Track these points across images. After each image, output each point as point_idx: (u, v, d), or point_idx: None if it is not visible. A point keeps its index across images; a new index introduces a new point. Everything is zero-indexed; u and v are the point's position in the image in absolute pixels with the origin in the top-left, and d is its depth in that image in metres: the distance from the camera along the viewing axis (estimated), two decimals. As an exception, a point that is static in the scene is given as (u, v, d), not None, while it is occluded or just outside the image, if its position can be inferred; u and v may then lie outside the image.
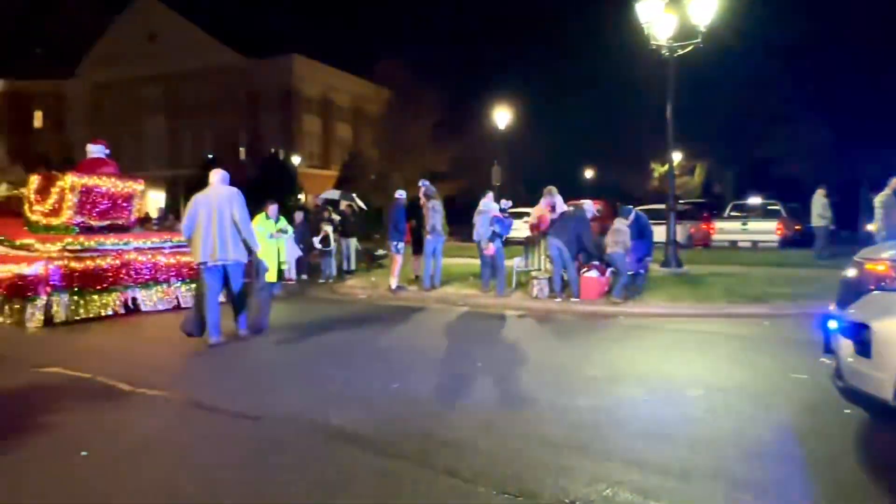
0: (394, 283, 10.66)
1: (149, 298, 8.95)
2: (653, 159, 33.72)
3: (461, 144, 32.88)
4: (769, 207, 19.84)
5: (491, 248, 9.72)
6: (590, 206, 9.34)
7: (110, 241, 8.93)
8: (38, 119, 49.44)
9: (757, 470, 3.25)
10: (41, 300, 7.85)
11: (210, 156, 39.05)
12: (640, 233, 9.07)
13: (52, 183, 8.98)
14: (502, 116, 20.99)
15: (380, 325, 7.96)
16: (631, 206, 9.43)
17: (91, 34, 45.93)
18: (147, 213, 32.25)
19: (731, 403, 4.38)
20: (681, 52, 11.00)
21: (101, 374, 5.33)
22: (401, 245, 10.67)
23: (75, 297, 8.10)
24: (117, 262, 8.64)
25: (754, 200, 20.99)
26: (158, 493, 3.07)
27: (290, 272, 12.68)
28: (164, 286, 9.14)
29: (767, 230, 18.84)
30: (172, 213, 30.67)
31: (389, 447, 3.60)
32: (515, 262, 10.74)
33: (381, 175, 30.93)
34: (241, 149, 43.89)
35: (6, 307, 8.05)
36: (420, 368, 5.58)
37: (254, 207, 7.62)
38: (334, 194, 15.27)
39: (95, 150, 9.85)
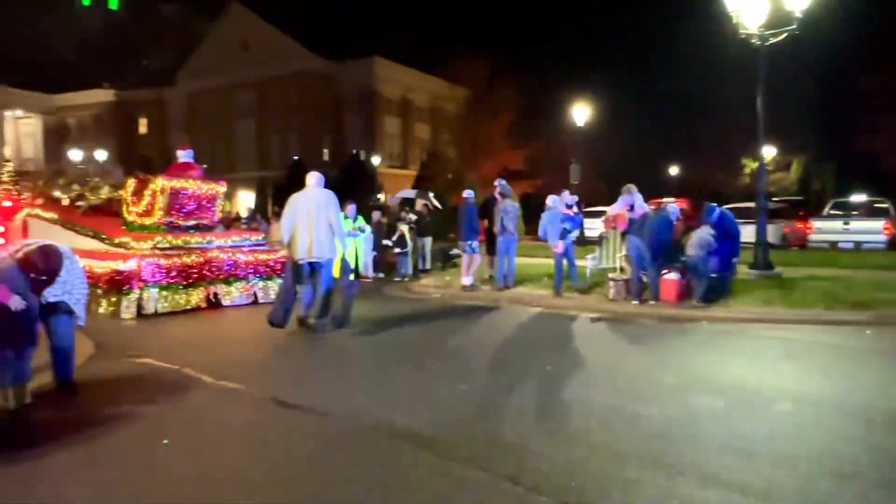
0: (467, 282, 10.66)
1: (229, 294, 9.45)
2: (744, 155, 31.94)
3: (539, 142, 32.49)
4: (876, 205, 18.23)
5: (560, 247, 9.59)
6: (674, 209, 8.94)
7: (195, 240, 9.54)
8: (142, 125, 53.26)
9: (847, 493, 2.98)
10: (134, 294, 8.49)
11: (296, 158, 40.69)
12: (726, 233, 8.58)
13: (146, 186, 9.65)
14: (581, 113, 20.52)
15: (451, 325, 7.98)
16: (715, 205, 8.94)
17: (189, 45, 48.89)
18: (237, 213, 34.02)
19: (823, 419, 4.05)
20: (773, 40, 10.30)
21: (186, 365, 5.64)
22: (475, 244, 10.66)
23: (164, 292, 8.71)
24: (201, 259, 9.17)
25: (858, 198, 19.36)
26: (229, 483, 3.20)
27: (367, 270, 12.99)
28: (244, 282, 9.62)
29: (873, 230, 17.31)
30: (260, 213, 32.10)
31: (452, 449, 3.58)
32: (589, 261, 10.47)
33: (457, 174, 31.05)
34: (324, 150, 45.43)
35: (105, 300, 8.71)
36: (488, 370, 5.54)
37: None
38: (410, 193, 15.47)
39: (184, 156, 10.50)
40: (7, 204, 12.02)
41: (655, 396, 4.60)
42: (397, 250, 13.55)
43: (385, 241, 13.56)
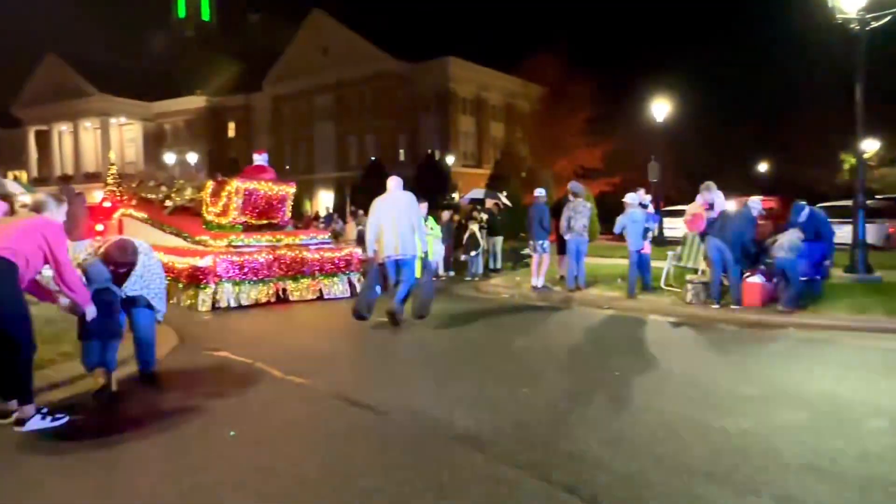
0: (538, 282, 10.50)
1: (296, 289, 9.83)
2: (843, 150, 29.67)
3: (616, 139, 31.54)
4: None
5: (647, 247, 9.31)
6: (755, 204, 8.40)
7: (265, 238, 10.05)
8: (231, 129, 56.09)
9: (951, 527, 2.66)
10: (210, 288, 9.02)
11: (373, 158, 41.58)
12: (816, 233, 7.98)
13: (222, 187, 10.26)
14: (661, 108, 19.73)
15: (518, 326, 7.87)
16: (804, 203, 8.34)
17: (275, 52, 50.98)
18: (317, 212, 35.15)
19: (924, 440, 3.66)
20: (874, 24, 9.49)
21: (259, 359, 5.84)
22: (546, 244, 10.48)
23: (236, 287, 9.21)
24: (270, 256, 9.60)
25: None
26: (287, 477, 3.27)
27: (437, 269, 13.04)
28: (310, 279, 9.99)
29: None
30: (338, 212, 33.00)
31: (509, 455, 3.50)
32: (668, 262, 10.04)
33: (531, 172, 30.67)
34: (400, 150, 46.18)
35: (185, 293, 9.30)
36: (553, 373, 5.40)
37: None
38: (480, 193, 15.39)
39: (258, 159, 11.09)
40: (107, 204, 13.17)
41: (731, 407, 4.33)
42: (472, 253, 13.51)
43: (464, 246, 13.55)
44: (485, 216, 14.20)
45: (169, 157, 44.77)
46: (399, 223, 7.33)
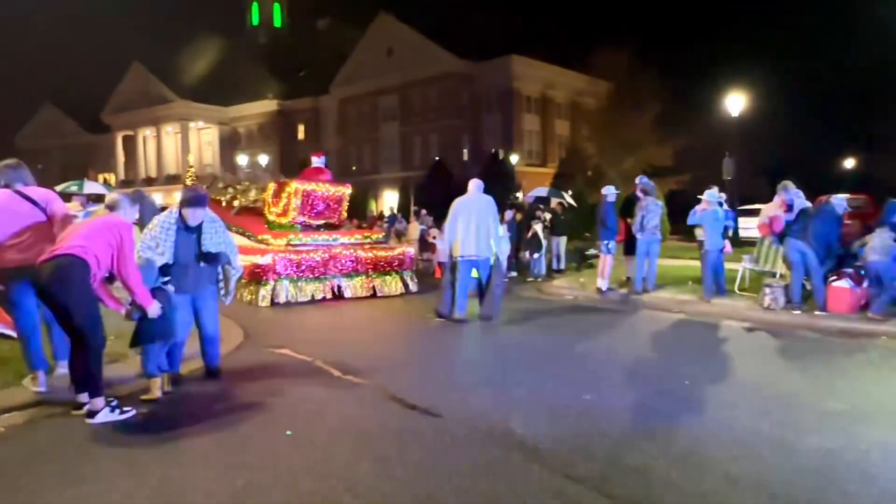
0: (603, 284, 10.16)
1: (351, 287, 10.14)
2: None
3: (687, 135, 30.30)
4: None
5: (728, 246, 8.87)
6: (839, 201, 7.79)
7: (322, 238, 10.46)
8: (300, 131, 57.75)
9: None
10: (270, 285, 9.43)
11: (436, 158, 41.77)
12: (914, 234, 7.30)
13: (283, 189, 10.71)
14: (735, 102, 18.76)
15: (581, 330, 7.60)
16: (897, 201, 7.66)
17: (342, 55, 52.11)
18: (381, 212, 35.64)
19: None
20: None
21: (319, 358, 5.89)
22: (612, 244, 10.13)
23: (294, 284, 9.59)
24: (326, 255, 9.96)
25: None
26: (339, 480, 3.22)
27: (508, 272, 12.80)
28: (364, 277, 10.31)
29: None
30: (402, 212, 33.31)
31: (568, 467, 3.32)
32: (745, 264, 9.49)
33: (597, 171, 29.96)
34: (464, 150, 46.17)
35: (247, 289, 9.66)
36: (617, 381, 5.14)
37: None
38: (543, 192, 15.09)
39: (316, 161, 11.50)
40: None
41: (815, 424, 3.97)
42: (534, 254, 13.26)
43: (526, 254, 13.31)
44: (548, 216, 13.92)
45: (242, 160, 46.55)
46: (477, 225, 7.61)
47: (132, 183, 62.26)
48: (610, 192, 10.49)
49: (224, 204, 12.17)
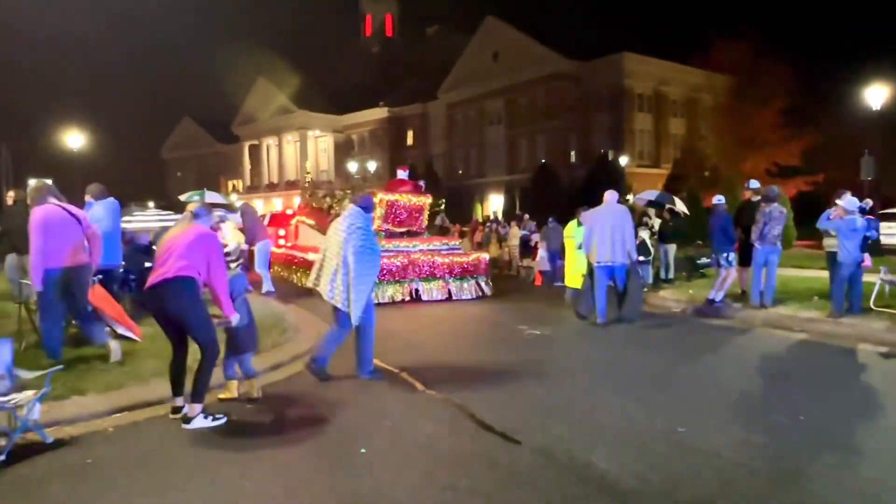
0: (717, 297, 9.40)
1: (427, 290, 10.80)
2: None
3: (819, 132, 27.54)
4: None
5: (867, 259, 7.99)
6: None
7: (403, 244, 11.16)
8: (409, 137, 59.26)
9: None
10: None
11: (543, 161, 41.16)
12: None
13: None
14: (877, 94, 16.75)
15: (686, 348, 7.05)
16: None
17: (450, 61, 52.86)
18: (487, 216, 35.65)
19: None
20: None
21: (405, 368, 5.90)
22: (731, 256, 9.36)
23: (376, 287, 9.83)
24: (406, 260, 10.67)
25: None
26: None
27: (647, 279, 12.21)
28: (440, 281, 10.96)
29: None
30: (506, 216, 33.09)
31: (651, 511, 3.03)
32: (881, 277, 8.38)
33: (715, 171, 28.03)
34: (571, 152, 45.15)
35: None
36: (720, 411, 4.67)
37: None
38: (653, 194, 14.23)
39: (401, 174, 12.40)
40: (289, 212, 14.93)
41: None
42: (640, 258, 12.58)
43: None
44: (657, 222, 13.15)
45: (352, 166, 48.48)
46: (612, 232, 8.15)
47: (256, 188, 67.07)
48: (720, 201, 9.73)
49: (323, 211, 13.19)
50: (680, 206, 13.53)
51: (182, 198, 16.76)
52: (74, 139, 25.89)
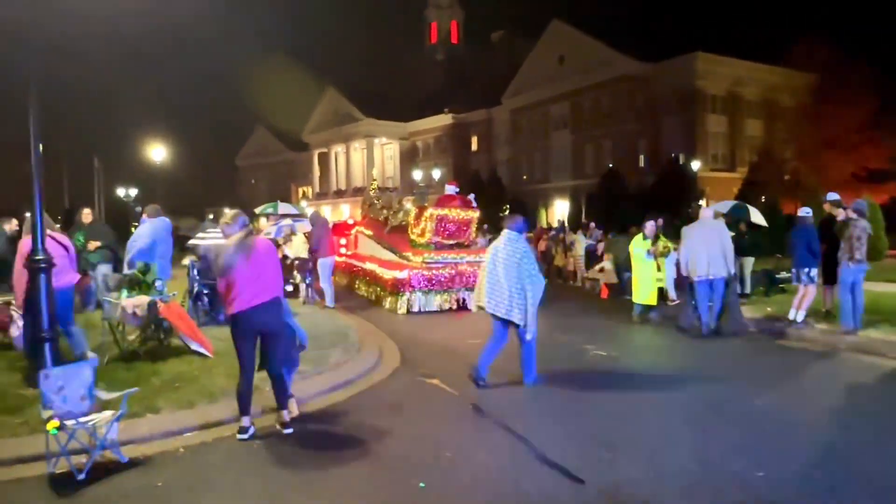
0: (799, 316, 8.84)
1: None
2: None
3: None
4: None
5: None
6: None
7: (451, 256, 11.94)
8: (474, 143, 59.33)
9: None
10: (406, 296, 11.16)
11: (610, 165, 40.22)
12: None
13: (422, 213, 12.34)
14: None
15: (764, 375, 6.63)
16: None
17: (515, 66, 52.63)
18: (550, 224, 35.20)
19: None
20: None
21: (467, 392, 5.83)
22: (813, 272, 8.80)
23: (425, 295, 11.29)
24: (453, 271, 11.53)
25: None
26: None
27: (671, 291, 11.84)
28: None
29: None
30: (572, 223, 32.50)
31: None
32: None
33: (795, 176, 26.52)
34: (640, 156, 43.90)
35: (389, 299, 11.51)
36: (803, 452, 4.33)
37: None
38: (725, 206, 13.55)
39: (450, 189, 13.23)
40: (350, 221, 15.91)
41: None
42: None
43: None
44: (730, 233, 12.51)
45: (416, 174, 48.92)
46: (710, 247, 8.51)
47: (325, 195, 68.91)
48: (807, 213, 9.14)
49: (380, 222, 14.24)
50: (757, 218, 12.84)
51: (257, 210, 17.57)
52: (157, 152, 27.43)
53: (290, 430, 4.73)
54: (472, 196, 13.63)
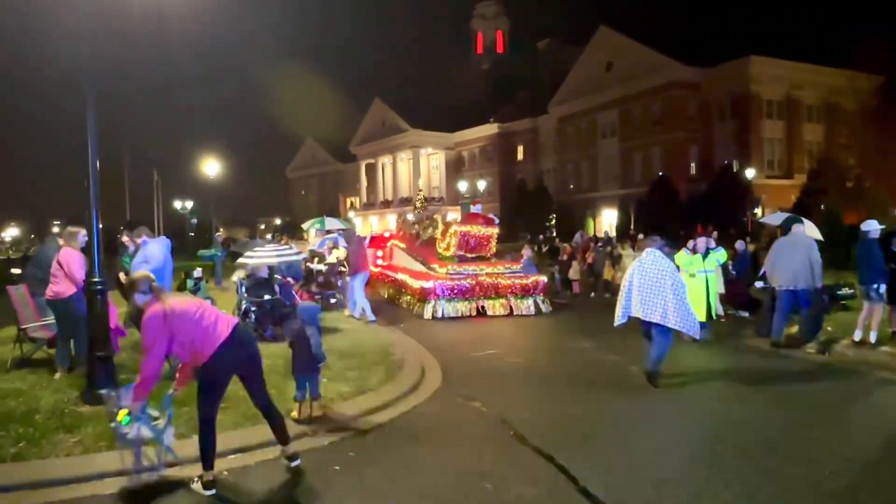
0: (871, 336, 8.37)
1: (491, 307, 12.68)
2: None
3: None
4: None
5: None
6: None
7: (471, 268, 13.23)
8: (519, 152, 59.11)
9: None
10: (431, 304, 12.42)
11: (660, 173, 39.33)
12: None
13: (447, 229, 14.12)
14: None
15: (825, 403, 6.27)
16: None
17: (561, 74, 52.23)
18: (595, 235, 34.65)
19: None
20: None
21: (507, 417, 5.72)
22: (881, 289, 8.35)
23: (448, 303, 12.50)
24: (473, 282, 12.70)
25: None
26: None
27: (719, 307, 11.35)
28: (503, 299, 12.80)
29: None
30: (619, 235, 31.92)
31: None
32: None
33: (858, 183, 25.26)
34: (691, 164, 42.79)
35: (416, 306, 12.92)
36: (868, 496, 4.06)
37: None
38: (778, 218, 12.99)
39: (473, 208, 15.37)
40: (386, 234, 18.27)
41: None
42: (759, 285, 11.55)
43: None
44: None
45: (461, 185, 48.97)
46: (796, 258, 8.66)
47: (372, 205, 69.82)
48: (872, 227, 8.67)
49: (412, 236, 16.19)
50: (813, 231, 12.26)
51: (304, 225, 18.26)
52: (211, 167, 28.37)
53: (297, 462, 4.55)
54: (492, 215, 15.43)
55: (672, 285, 6.66)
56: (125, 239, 8.82)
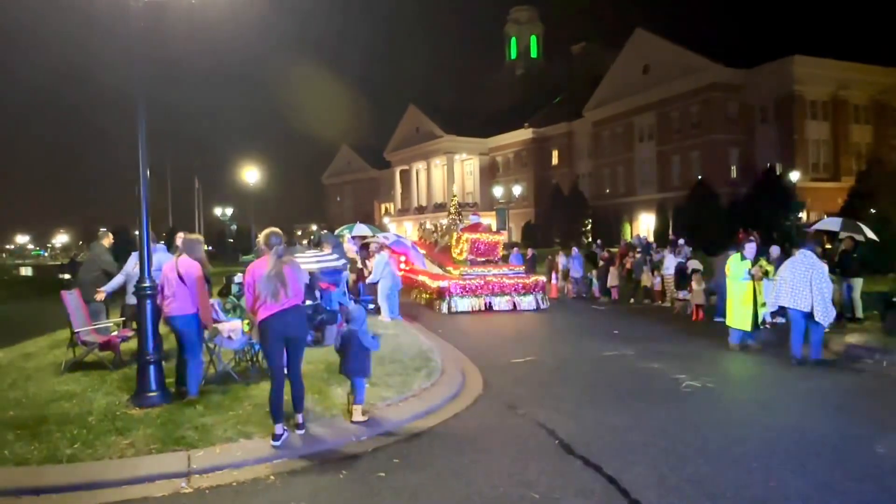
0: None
1: (497, 303, 15.03)
2: None
3: None
4: None
5: None
6: None
7: (479, 270, 15.82)
8: (554, 157, 58.63)
9: None
10: (446, 301, 14.74)
11: (699, 177, 38.49)
12: None
13: (460, 237, 16.74)
14: None
15: (883, 412, 6.01)
16: None
17: (596, 78, 51.71)
18: (628, 241, 34.07)
19: None
20: None
21: (553, 426, 5.63)
22: None
23: (461, 300, 14.80)
24: (482, 282, 15.18)
25: None
26: None
27: (767, 315, 11.03)
28: (507, 296, 15.14)
29: None
30: (658, 239, 31.34)
31: None
32: None
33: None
34: (731, 167, 41.81)
35: (433, 304, 15.23)
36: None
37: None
38: (835, 224, 12.54)
39: (474, 219, 18.04)
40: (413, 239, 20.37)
41: None
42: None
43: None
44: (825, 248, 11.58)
45: (497, 191, 48.80)
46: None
47: (406, 211, 70.18)
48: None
49: (431, 243, 18.98)
50: (868, 235, 11.82)
51: (336, 231, 18.72)
52: (251, 174, 28.95)
53: (301, 431, 5.15)
54: (487, 222, 17.32)
55: (819, 281, 7.96)
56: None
